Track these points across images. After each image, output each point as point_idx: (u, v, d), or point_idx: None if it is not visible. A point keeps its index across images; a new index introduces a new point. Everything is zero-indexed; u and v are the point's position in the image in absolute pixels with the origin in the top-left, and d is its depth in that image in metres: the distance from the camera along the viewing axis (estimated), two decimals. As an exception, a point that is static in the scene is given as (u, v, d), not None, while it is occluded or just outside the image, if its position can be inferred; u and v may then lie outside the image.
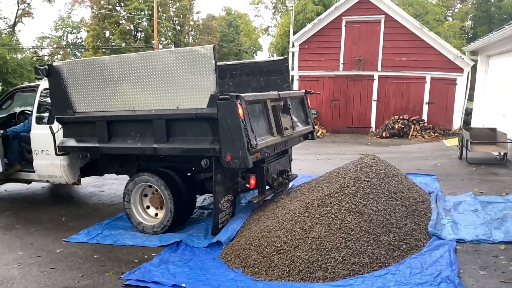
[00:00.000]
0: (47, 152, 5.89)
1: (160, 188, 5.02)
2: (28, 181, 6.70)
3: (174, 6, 40.85)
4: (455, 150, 9.79)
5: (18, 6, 31.93)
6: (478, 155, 8.57)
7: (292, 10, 19.55)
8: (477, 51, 11.28)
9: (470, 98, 15.92)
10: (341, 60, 16.28)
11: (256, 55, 50.39)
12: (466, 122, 15.30)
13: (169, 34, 38.04)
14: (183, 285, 3.68)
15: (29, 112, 6.82)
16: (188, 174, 5.44)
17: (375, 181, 4.71)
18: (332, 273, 3.63)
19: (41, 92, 6.18)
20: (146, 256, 4.47)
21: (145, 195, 5.33)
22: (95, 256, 4.54)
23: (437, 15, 25.58)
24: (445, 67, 15.04)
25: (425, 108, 15.51)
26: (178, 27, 40.95)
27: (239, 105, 4.25)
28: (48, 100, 5.86)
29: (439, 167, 8.31)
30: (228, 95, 4.29)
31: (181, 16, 41.41)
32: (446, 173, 7.66)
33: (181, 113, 4.57)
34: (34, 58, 32.12)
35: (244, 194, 6.27)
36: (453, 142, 11.59)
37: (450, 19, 31.84)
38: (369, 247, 3.84)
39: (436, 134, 14.88)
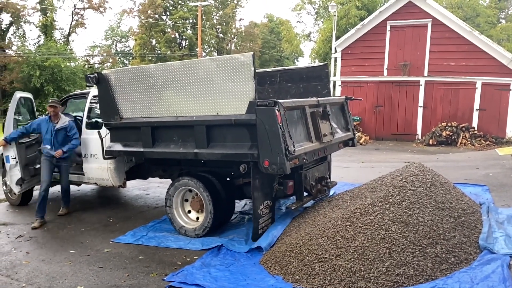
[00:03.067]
0: (96, 156, 6.15)
1: (199, 190, 5.11)
2: (78, 183, 7.04)
3: (218, 14, 41.75)
4: (509, 159, 9.23)
5: (73, 17, 33.91)
6: (534, 165, 8.07)
7: (335, 15, 19.39)
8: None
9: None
10: (386, 66, 15.90)
11: (298, 61, 50.40)
12: (522, 130, 14.46)
13: (212, 41, 38.89)
14: (223, 289, 3.71)
15: (80, 118, 7.18)
16: (227, 179, 5.50)
17: (421, 191, 4.53)
18: (375, 284, 3.52)
19: (91, 99, 6.48)
20: (188, 259, 4.56)
21: (186, 200, 5.43)
22: (140, 257, 4.68)
23: (489, 17, 24.41)
24: (498, 71, 14.27)
25: (475, 114, 14.76)
26: (221, 35, 41.76)
27: (277, 111, 4.25)
28: (97, 106, 6.13)
29: (491, 177, 7.86)
30: (267, 102, 4.31)
31: (224, 24, 42.23)
32: (499, 183, 7.23)
33: (221, 119, 4.64)
34: (86, 66, 33.88)
35: (284, 200, 6.25)
36: (507, 150, 10.97)
37: (504, 21, 30.26)
38: (415, 259, 3.69)
39: (487, 142, 14.11)
